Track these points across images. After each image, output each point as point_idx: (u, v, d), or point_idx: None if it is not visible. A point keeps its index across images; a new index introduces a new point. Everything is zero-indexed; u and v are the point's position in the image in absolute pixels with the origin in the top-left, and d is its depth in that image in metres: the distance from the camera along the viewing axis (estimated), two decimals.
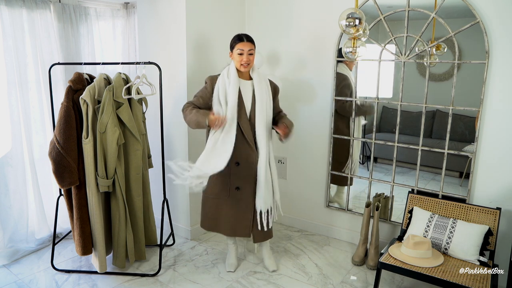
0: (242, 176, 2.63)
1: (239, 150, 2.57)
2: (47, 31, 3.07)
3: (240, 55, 2.55)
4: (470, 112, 2.73)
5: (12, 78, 2.89)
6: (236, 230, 2.73)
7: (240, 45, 2.55)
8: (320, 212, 3.49)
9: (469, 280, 2.23)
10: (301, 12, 3.29)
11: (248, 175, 2.63)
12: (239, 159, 2.59)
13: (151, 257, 3.06)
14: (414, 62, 2.92)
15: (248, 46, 2.55)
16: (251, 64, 2.58)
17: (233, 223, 2.72)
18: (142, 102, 2.95)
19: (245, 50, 2.54)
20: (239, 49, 2.54)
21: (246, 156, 2.60)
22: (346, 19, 2.43)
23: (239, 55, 2.55)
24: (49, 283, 2.71)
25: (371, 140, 3.12)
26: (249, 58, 2.55)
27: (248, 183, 2.64)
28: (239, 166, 2.61)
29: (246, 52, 2.54)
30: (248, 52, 2.54)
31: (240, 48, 2.54)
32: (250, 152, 2.61)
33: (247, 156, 2.61)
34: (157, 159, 3.19)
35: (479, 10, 2.54)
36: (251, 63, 2.58)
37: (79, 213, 2.63)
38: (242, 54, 2.54)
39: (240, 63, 2.55)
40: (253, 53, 2.58)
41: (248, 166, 2.62)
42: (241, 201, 2.67)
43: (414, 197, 2.82)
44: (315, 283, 2.75)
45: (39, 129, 3.14)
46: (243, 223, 2.70)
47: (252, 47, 2.57)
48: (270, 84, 2.70)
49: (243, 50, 2.54)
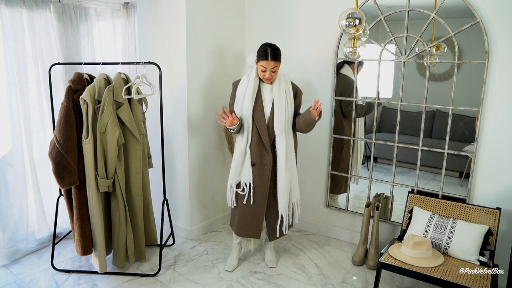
0: (256, 177, 2.66)
1: (255, 151, 2.63)
2: (47, 31, 3.07)
3: (263, 72, 2.56)
4: (470, 112, 2.73)
5: (12, 78, 2.89)
6: (246, 231, 2.77)
7: (264, 63, 2.53)
8: (320, 212, 3.49)
9: (469, 280, 2.23)
10: (301, 12, 3.29)
11: (262, 176, 2.66)
12: (254, 159, 2.64)
13: (151, 257, 3.06)
14: (414, 62, 2.92)
15: (272, 65, 2.53)
16: (273, 78, 2.59)
17: (245, 223, 2.75)
18: (142, 102, 2.95)
19: (268, 68, 2.53)
20: (262, 66, 2.54)
21: (261, 158, 2.64)
22: (346, 19, 2.43)
23: (262, 71, 2.56)
24: (49, 283, 2.71)
25: (371, 140, 3.12)
26: (271, 75, 2.56)
27: (261, 185, 2.67)
28: (254, 167, 2.65)
29: (269, 70, 2.54)
30: (272, 70, 2.54)
31: (264, 66, 2.53)
32: (265, 154, 2.64)
33: (262, 158, 2.64)
34: (157, 159, 3.19)
35: (479, 10, 2.54)
36: (273, 77, 2.59)
37: (79, 213, 2.63)
38: (265, 72, 2.55)
39: (263, 78, 2.58)
40: (277, 70, 2.57)
41: (262, 167, 2.65)
42: (254, 202, 2.69)
43: (414, 197, 2.82)
44: (315, 283, 2.75)
45: (39, 129, 3.14)
46: (253, 224, 2.73)
47: (277, 64, 2.55)
48: (292, 85, 2.70)
49: (266, 68, 2.53)
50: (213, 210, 3.60)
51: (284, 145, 2.61)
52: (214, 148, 3.49)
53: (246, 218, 2.74)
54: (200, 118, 3.30)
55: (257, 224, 2.74)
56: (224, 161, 3.61)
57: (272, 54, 2.52)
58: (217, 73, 3.39)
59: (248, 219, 2.74)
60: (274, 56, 2.52)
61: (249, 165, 2.65)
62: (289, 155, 2.66)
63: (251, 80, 2.62)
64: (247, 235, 2.79)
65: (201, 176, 3.41)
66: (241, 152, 2.66)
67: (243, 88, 2.63)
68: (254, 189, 2.67)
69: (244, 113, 2.61)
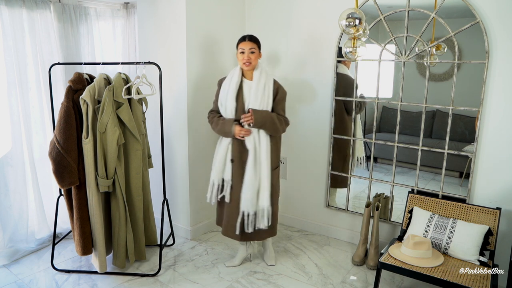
0: (235, 174, 2.67)
1: (235, 148, 2.65)
2: (47, 31, 3.07)
3: (241, 54, 2.61)
4: (470, 112, 2.73)
5: (12, 78, 2.89)
6: (228, 231, 2.76)
7: (242, 44, 2.63)
8: (320, 212, 3.49)
9: (469, 280, 2.23)
10: (301, 12, 3.29)
11: (239, 173, 2.65)
12: (234, 156, 2.66)
13: (151, 257, 3.06)
14: (414, 62, 2.92)
15: (249, 45, 2.60)
16: (253, 62, 2.61)
17: (225, 222, 2.76)
18: (142, 102, 2.95)
19: (246, 49, 2.60)
20: (241, 48, 2.62)
21: (240, 154, 2.65)
22: (346, 19, 2.43)
23: (241, 54, 2.61)
24: (49, 283, 2.71)
25: (371, 140, 3.12)
26: (250, 56, 2.59)
27: (238, 181, 2.66)
28: (233, 163, 2.67)
29: (247, 50, 2.60)
30: (249, 50, 2.60)
31: (242, 48, 2.61)
32: (243, 150, 2.64)
33: (240, 154, 2.65)
34: (157, 159, 3.19)
35: (479, 10, 2.54)
36: (253, 62, 2.61)
37: (79, 213, 2.63)
38: (244, 53, 2.60)
39: (242, 62, 2.62)
40: (255, 52, 2.62)
41: (240, 164, 2.65)
42: (232, 200, 2.69)
43: (414, 197, 2.82)
44: (315, 283, 2.75)
45: (39, 129, 3.14)
46: (232, 223, 2.71)
47: (254, 46, 2.62)
48: (274, 83, 2.67)
49: (244, 49, 2.60)
50: (213, 210, 3.59)
51: (252, 142, 2.58)
52: (214, 148, 3.47)
53: (227, 217, 2.74)
54: (200, 118, 3.30)
55: (234, 223, 2.68)
56: None
57: (249, 37, 2.65)
58: (217, 73, 3.39)
59: (228, 218, 2.72)
60: (250, 37, 2.64)
61: (229, 162, 2.67)
62: (258, 153, 2.60)
63: (234, 78, 2.65)
64: (229, 235, 2.75)
65: (201, 176, 3.41)
66: (224, 148, 2.67)
67: (226, 85, 2.66)
68: (232, 186, 2.67)
69: (228, 111, 2.63)
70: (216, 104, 2.75)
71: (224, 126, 2.62)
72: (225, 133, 2.62)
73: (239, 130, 2.57)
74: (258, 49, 2.66)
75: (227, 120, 2.63)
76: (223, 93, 2.67)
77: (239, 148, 2.64)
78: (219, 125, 2.65)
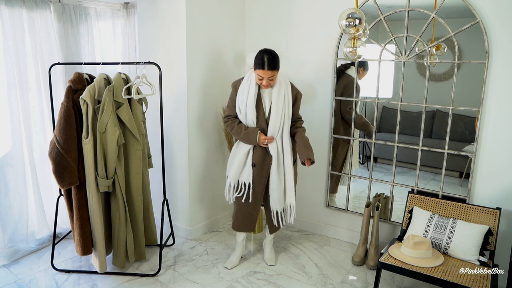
0: (256, 177, 2.72)
1: (257, 152, 2.70)
2: (47, 31, 3.07)
3: (260, 80, 2.57)
4: (470, 112, 2.73)
5: (12, 78, 2.89)
6: (241, 226, 2.84)
7: (261, 72, 2.51)
8: (320, 212, 3.49)
9: (469, 280, 2.23)
10: (301, 12, 3.29)
11: (261, 176, 2.72)
12: (255, 160, 2.70)
13: (151, 257, 3.06)
14: (414, 62, 2.92)
15: (268, 75, 2.51)
16: (272, 83, 2.59)
17: (240, 219, 2.82)
18: (142, 102, 2.95)
19: (265, 77, 2.53)
20: (259, 75, 2.54)
21: (262, 159, 2.71)
22: (346, 19, 2.43)
23: (259, 79, 2.56)
24: (49, 283, 2.71)
25: (371, 140, 3.12)
26: (269, 83, 2.56)
27: (260, 183, 2.73)
28: (255, 167, 2.71)
29: (266, 79, 2.54)
30: (269, 79, 2.54)
31: (260, 75, 2.53)
32: (266, 155, 2.70)
33: (263, 159, 2.71)
34: (157, 159, 3.19)
35: (479, 10, 2.54)
36: (272, 84, 2.59)
37: (79, 213, 2.63)
38: (262, 80, 2.55)
39: (260, 84, 2.59)
40: (274, 79, 2.56)
41: (262, 168, 2.71)
42: (251, 200, 2.75)
43: (414, 197, 2.82)
44: (315, 283, 2.75)
45: (39, 129, 3.14)
46: (249, 218, 2.81)
47: (274, 73, 2.53)
48: (292, 89, 2.71)
49: (263, 77, 2.53)
50: (213, 210, 3.60)
51: (275, 148, 2.67)
52: (214, 148, 3.49)
53: (242, 214, 2.82)
54: (200, 118, 3.30)
55: (252, 218, 2.83)
56: (224, 161, 3.60)
57: (269, 63, 2.48)
58: (217, 73, 3.39)
59: (244, 215, 2.81)
60: (271, 66, 2.49)
61: (250, 166, 2.71)
62: (281, 157, 2.69)
63: (252, 86, 2.64)
64: (242, 229, 2.86)
65: (201, 176, 3.41)
66: (244, 154, 2.71)
67: (245, 94, 2.65)
68: (254, 189, 2.73)
69: (249, 120, 2.66)
70: (232, 108, 2.75)
71: (248, 136, 2.65)
72: (249, 141, 2.66)
73: (264, 139, 2.63)
74: (277, 74, 2.57)
75: (251, 129, 2.65)
76: (242, 100, 2.66)
77: (262, 153, 2.70)
78: (242, 133, 2.66)
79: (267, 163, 2.71)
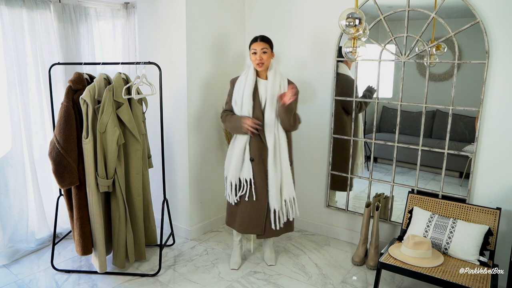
0: (256, 172, 2.69)
1: (254, 146, 2.68)
2: (47, 31, 3.07)
3: (254, 54, 2.64)
4: (470, 112, 2.73)
5: (12, 78, 2.89)
6: (249, 227, 2.77)
7: (254, 45, 2.66)
8: (320, 212, 3.49)
9: (469, 280, 2.23)
10: (301, 12, 3.29)
11: (261, 171, 2.70)
12: (253, 155, 2.68)
13: (151, 257, 3.06)
14: (414, 62, 2.92)
15: (261, 45, 2.64)
16: (265, 62, 2.65)
17: (246, 219, 2.76)
18: (142, 102, 2.95)
19: (258, 49, 2.63)
20: (253, 49, 2.66)
21: (260, 152, 2.68)
22: (346, 19, 2.43)
23: (254, 54, 2.65)
24: (49, 283, 2.71)
25: (371, 140, 3.12)
26: (262, 56, 2.63)
27: (261, 179, 2.70)
28: (254, 162, 2.69)
29: (259, 51, 2.63)
30: (261, 50, 2.63)
31: (254, 48, 2.65)
32: (263, 149, 2.68)
33: (261, 152, 2.69)
34: (157, 159, 3.19)
35: (479, 10, 2.54)
36: (265, 61, 2.64)
37: (79, 213, 2.63)
38: (256, 53, 2.63)
39: (255, 63, 2.65)
40: (267, 52, 2.65)
41: (261, 162, 2.69)
42: (256, 197, 2.72)
43: (414, 197, 2.82)
44: (315, 283, 2.75)
45: (39, 129, 3.14)
46: (256, 219, 2.75)
47: (266, 46, 2.65)
48: (289, 83, 2.71)
49: (256, 50, 2.63)
50: (213, 210, 3.60)
51: (272, 139, 2.64)
52: (214, 148, 3.49)
53: (248, 215, 2.75)
54: (200, 118, 3.30)
55: (260, 219, 2.74)
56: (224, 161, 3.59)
57: (261, 37, 2.68)
58: (217, 73, 3.39)
59: (250, 215, 2.74)
60: (262, 38, 2.67)
61: (248, 161, 2.68)
62: (278, 149, 2.67)
63: (249, 78, 2.67)
64: (250, 231, 2.79)
65: (201, 176, 3.41)
66: (241, 149, 2.69)
67: (241, 86, 2.68)
68: (255, 184, 2.70)
69: (244, 110, 2.65)
70: (230, 104, 2.77)
71: (234, 121, 2.66)
72: (236, 128, 2.66)
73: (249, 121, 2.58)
74: (270, 49, 2.68)
75: (236, 116, 2.67)
76: (238, 92, 2.69)
77: (258, 146, 2.68)
78: (229, 121, 2.70)
79: (265, 157, 2.67)
